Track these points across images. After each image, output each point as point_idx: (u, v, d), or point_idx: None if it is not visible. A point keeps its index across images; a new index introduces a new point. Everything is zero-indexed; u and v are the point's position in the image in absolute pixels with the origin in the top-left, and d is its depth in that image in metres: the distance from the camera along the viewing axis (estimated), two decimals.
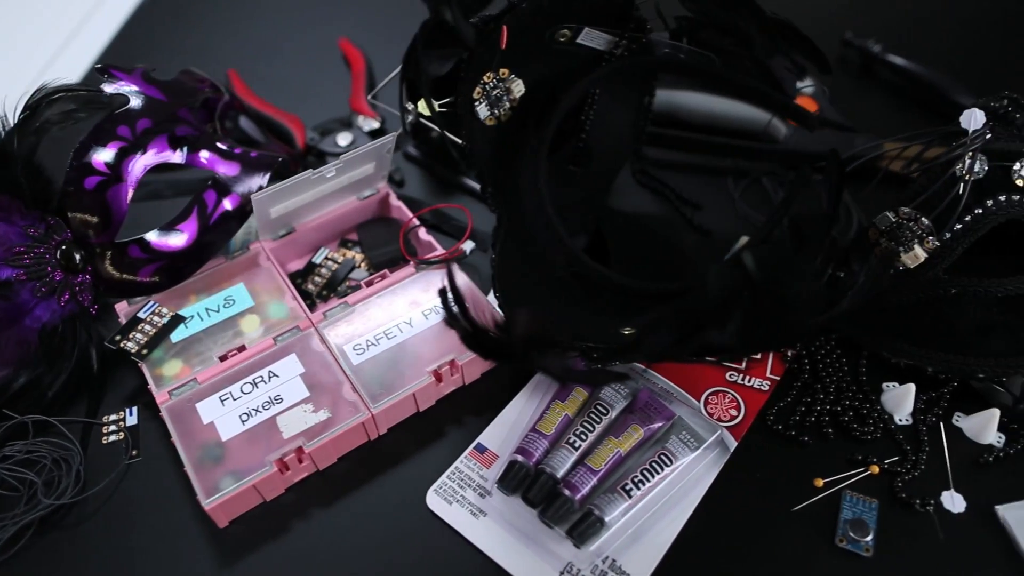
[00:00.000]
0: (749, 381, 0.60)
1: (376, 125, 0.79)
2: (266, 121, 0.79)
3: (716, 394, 0.60)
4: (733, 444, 0.57)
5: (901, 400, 0.59)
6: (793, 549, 0.53)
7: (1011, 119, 0.59)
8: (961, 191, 0.57)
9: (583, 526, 0.52)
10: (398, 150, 0.78)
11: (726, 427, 0.58)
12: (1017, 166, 0.56)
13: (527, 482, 0.54)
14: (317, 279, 0.67)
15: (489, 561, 0.52)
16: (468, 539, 0.53)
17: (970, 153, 0.57)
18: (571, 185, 0.67)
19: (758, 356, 0.61)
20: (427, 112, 0.62)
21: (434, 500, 0.55)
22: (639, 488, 0.54)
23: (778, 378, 0.61)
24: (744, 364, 0.62)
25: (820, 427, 0.58)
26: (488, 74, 0.60)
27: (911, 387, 0.59)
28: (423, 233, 0.67)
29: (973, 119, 0.57)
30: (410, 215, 0.68)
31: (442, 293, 0.47)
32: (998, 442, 0.58)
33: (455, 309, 0.48)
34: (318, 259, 0.68)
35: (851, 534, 0.53)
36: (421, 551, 0.53)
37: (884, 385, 0.60)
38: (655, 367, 0.61)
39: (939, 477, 0.56)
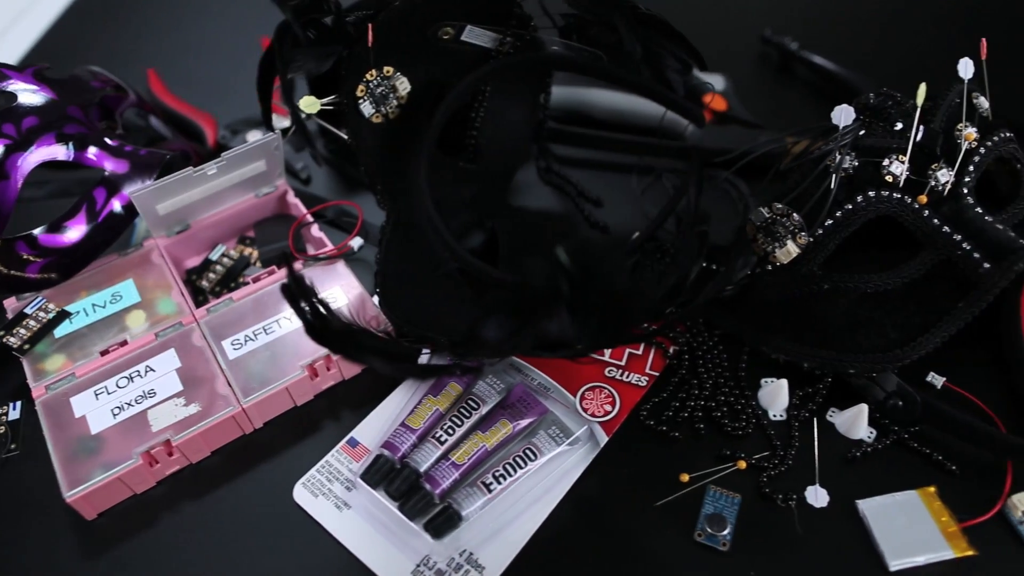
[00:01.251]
0: (627, 377, 0.61)
1: (287, 124, 0.79)
2: (177, 119, 0.79)
3: (593, 390, 0.60)
4: (604, 439, 0.57)
5: (775, 396, 0.59)
6: (653, 544, 0.53)
7: (887, 115, 0.60)
8: (831, 186, 0.57)
9: (440, 520, 0.52)
10: (304, 149, 0.79)
11: (600, 422, 0.58)
12: (886, 162, 0.57)
13: (391, 476, 0.55)
14: (212, 275, 0.67)
15: (349, 553, 0.53)
16: (329, 531, 0.54)
17: (840, 149, 0.58)
18: (464, 182, 0.68)
19: (606, 352, 0.61)
20: (310, 110, 0.63)
21: (301, 493, 0.55)
22: (500, 483, 0.54)
23: (657, 374, 0.61)
24: (624, 360, 0.62)
25: (693, 423, 0.58)
26: (371, 72, 0.61)
27: (784, 383, 0.59)
28: (315, 230, 0.68)
29: (843, 115, 0.57)
30: (305, 212, 0.69)
31: (283, 288, 0.47)
32: (869, 437, 0.58)
33: (303, 304, 0.49)
34: (214, 256, 0.68)
35: (708, 529, 0.53)
36: (286, 543, 0.54)
37: (762, 381, 0.61)
38: (534, 363, 0.61)
39: (807, 472, 0.56)
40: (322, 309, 0.48)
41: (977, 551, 0.52)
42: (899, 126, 0.59)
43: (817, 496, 0.55)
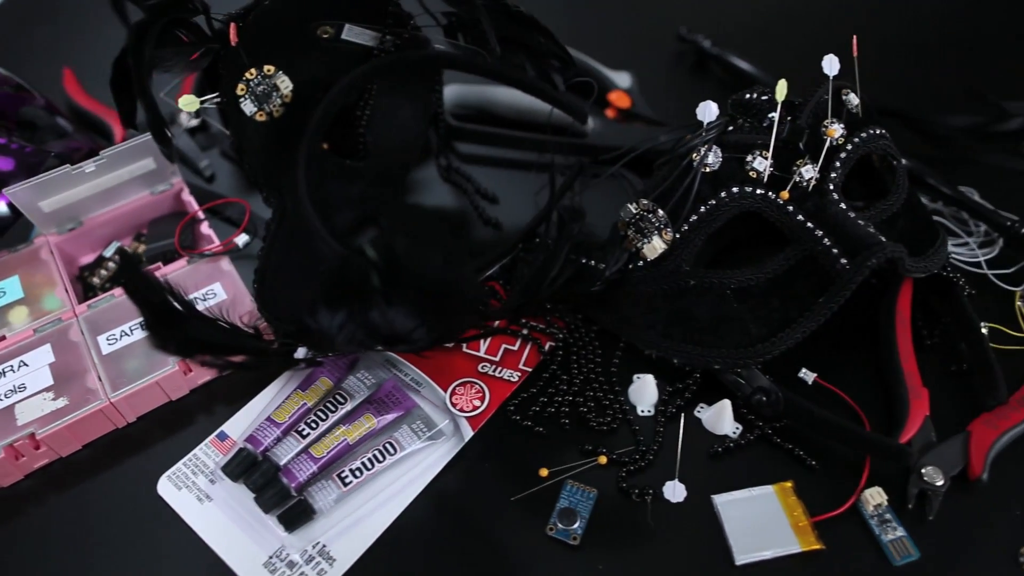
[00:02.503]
0: (500, 372, 0.61)
1: (196, 122, 0.80)
2: (87, 117, 0.80)
3: (464, 385, 0.60)
4: (470, 434, 0.58)
5: (642, 392, 0.59)
6: (506, 538, 0.53)
7: (756, 111, 0.60)
8: (694, 182, 0.57)
9: (293, 513, 0.53)
10: (214, 147, 0.79)
11: (468, 417, 0.58)
12: (750, 158, 0.57)
13: (251, 469, 0.55)
14: (104, 272, 0.68)
15: (206, 545, 0.53)
16: (187, 523, 0.54)
17: (704, 145, 0.58)
18: (353, 180, 0.68)
19: (482, 348, 0.62)
20: (189, 109, 0.63)
21: (165, 486, 0.56)
22: (356, 476, 0.54)
23: (530, 370, 0.61)
24: (499, 356, 0.62)
25: (559, 418, 0.59)
26: (252, 71, 0.61)
27: (649, 379, 0.59)
28: (205, 227, 0.68)
29: (707, 111, 0.58)
30: (196, 208, 0.69)
31: (124, 286, 0.47)
32: (734, 432, 0.58)
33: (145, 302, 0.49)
34: (108, 252, 0.69)
35: (559, 523, 0.53)
36: (146, 536, 0.54)
37: (634, 377, 0.61)
38: (409, 358, 0.62)
39: (670, 468, 0.56)
40: (179, 307, 0.49)
41: (825, 545, 0.52)
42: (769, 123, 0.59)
43: (675, 491, 0.55)
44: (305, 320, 0.46)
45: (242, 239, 0.67)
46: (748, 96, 0.60)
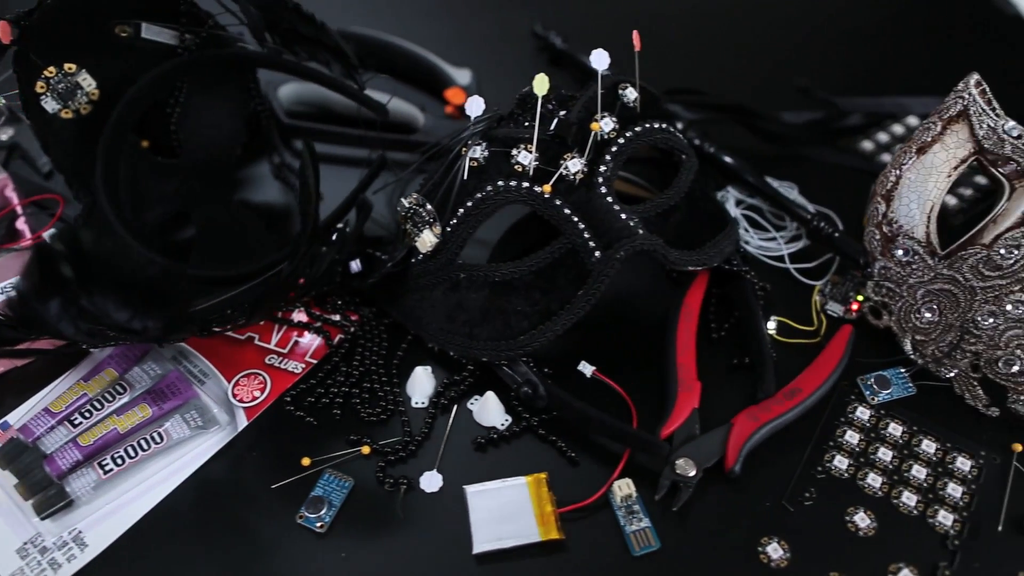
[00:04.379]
0: (285, 364, 0.62)
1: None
2: None
3: (248, 376, 0.61)
4: (244, 424, 0.59)
5: (416, 384, 0.60)
6: (260, 526, 0.54)
7: (533, 105, 0.60)
8: (460, 176, 0.58)
9: (48, 499, 0.54)
10: None
11: (246, 407, 0.60)
12: (515, 152, 0.57)
13: (17, 458, 0.57)
14: None
15: None
16: None
17: (471, 139, 0.59)
18: (167, 176, 0.70)
19: (273, 340, 0.63)
20: None
21: None
22: (118, 464, 0.55)
23: (315, 361, 0.62)
24: (288, 348, 0.63)
25: (332, 408, 0.60)
26: (51, 69, 0.63)
27: (421, 370, 0.60)
28: (20, 223, 0.70)
29: (474, 106, 0.58)
30: (14, 204, 0.71)
31: None
32: (503, 424, 0.59)
33: None
34: None
35: (307, 511, 0.54)
36: None
37: (417, 369, 0.61)
38: (200, 348, 0.63)
39: (433, 458, 0.57)
40: None
41: (566, 535, 0.53)
42: (562, 114, 0.60)
43: (431, 481, 0.56)
44: (29, 307, 0.47)
45: (50, 234, 0.69)
46: (527, 91, 0.61)
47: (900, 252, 0.61)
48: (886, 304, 0.63)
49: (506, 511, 0.54)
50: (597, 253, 0.56)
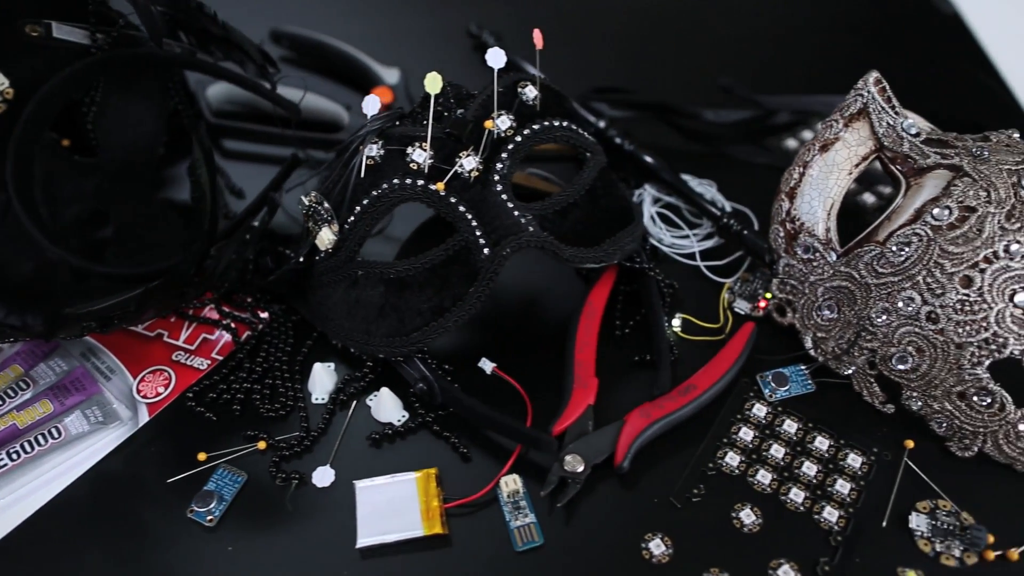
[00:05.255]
0: (191, 360, 0.63)
1: None
2: None
3: (154, 372, 0.62)
4: (145, 419, 0.59)
5: (318, 380, 0.60)
6: (152, 519, 0.55)
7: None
8: (351, 175, 0.59)
9: None
10: None
11: (149, 403, 0.60)
12: (410, 150, 0.58)
13: None
14: None
15: None
16: None
17: (367, 137, 0.59)
18: (85, 175, 0.70)
19: (181, 336, 0.63)
20: None
21: None
22: (13, 459, 0.56)
23: (221, 358, 0.63)
24: (196, 345, 0.64)
25: (231, 404, 0.60)
26: None
27: (320, 367, 0.60)
28: None
29: (369, 105, 0.59)
30: None
31: None
32: (399, 420, 0.59)
33: None
34: None
35: (196, 506, 0.55)
36: None
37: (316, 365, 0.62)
38: (107, 344, 0.63)
39: (328, 453, 0.58)
40: None
41: (449, 530, 0.53)
42: (460, 112, 0.60)
43: (323, 477, 0.56)
44: None
45: None
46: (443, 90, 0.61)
47: (801, 249, 0.62)
48: (790, 301, 0.63)
49: (393, 506, 0.54)
50: (486, 250, 0.56)
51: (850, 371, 0.60)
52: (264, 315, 0.65)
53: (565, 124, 0.61)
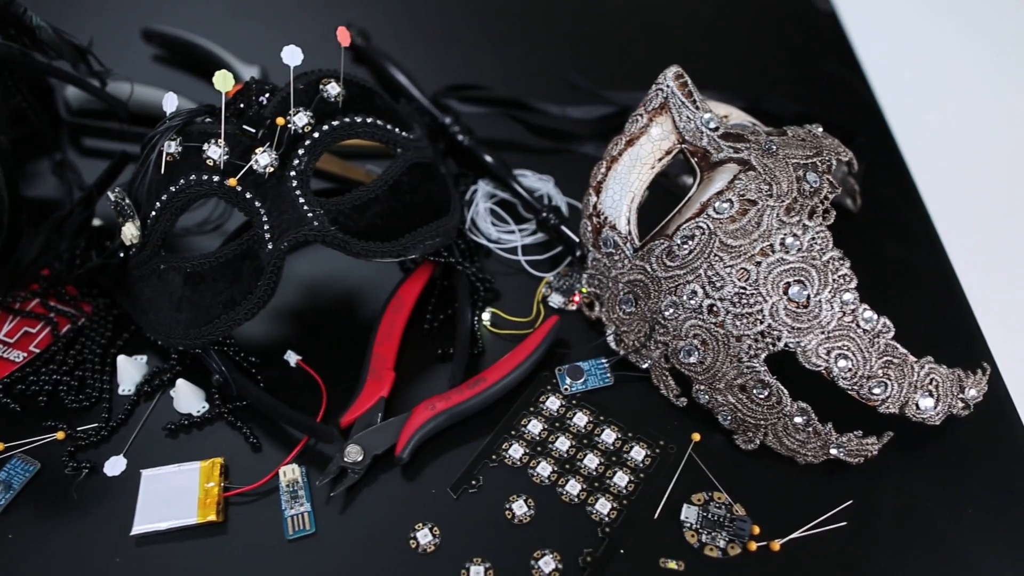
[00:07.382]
0: (8, 353, 0.64)
1: None
2: None
3: None
4: None
5: (124, 372, 0.61)
6: None
7: (242, 104, 0.62)
8: (148, 170, 0.60)
9: None
10: None
11: None
12: (206, 146, 0.59)
13: None
14: None
15: None
16: None
17: (164, 134, 0.60)
18: None
19: (1, 331, 0.65)
20: None
21: None
22: None
23: (38, 351, 0.64)
24: (16, 338, 0.65)
25: (39, 395, 0.61)
26: None
27: (127, 359, 0.61)
28: None
29: (168, 102, 0.60)
30: None
31: None
32: (199, 411, 0.60)
33: None
34: None
35: None
36: None
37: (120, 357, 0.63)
38: None
39: (126, 443, 0.59)
40: None
41: (226, 518, 0.54)
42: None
43: (114, 466, 0.57)
44: None
45: None
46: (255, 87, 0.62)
47: (604, 244, 0.62)
48: (598, 295, 0.64)
49: (172, 494, 0.55)
50: (269, 244, 0.57)
51: (647, 364, 0.60)
52: (87, 309, 0.66)
53: (369, 120, 0.62)
